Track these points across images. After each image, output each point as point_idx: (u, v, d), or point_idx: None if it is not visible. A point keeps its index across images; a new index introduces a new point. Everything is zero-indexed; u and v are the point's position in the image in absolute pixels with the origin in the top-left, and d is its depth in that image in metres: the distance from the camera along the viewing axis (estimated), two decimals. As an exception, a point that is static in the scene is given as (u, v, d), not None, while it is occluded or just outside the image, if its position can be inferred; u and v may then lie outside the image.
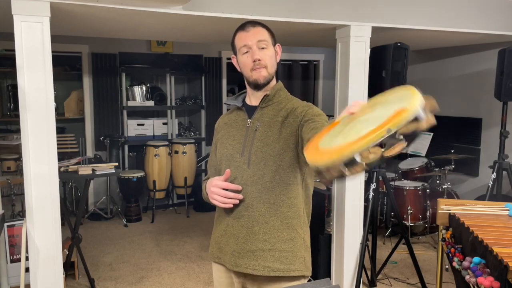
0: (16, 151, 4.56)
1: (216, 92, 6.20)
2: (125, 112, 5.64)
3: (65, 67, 5.59)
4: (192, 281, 3.79)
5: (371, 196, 3.52)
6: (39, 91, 2.40)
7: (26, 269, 2.67)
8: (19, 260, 3.04)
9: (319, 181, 3.42)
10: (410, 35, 3.81)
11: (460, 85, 5.14)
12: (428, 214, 4.52)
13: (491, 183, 3.85)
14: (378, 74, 3.35)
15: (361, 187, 3.36)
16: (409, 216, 4.44)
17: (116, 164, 3.73)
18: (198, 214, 5.77)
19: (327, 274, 3.55)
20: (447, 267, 3.83)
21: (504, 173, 3.88)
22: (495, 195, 3.88)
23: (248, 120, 1.71)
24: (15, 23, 2.33)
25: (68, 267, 3.61)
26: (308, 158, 1.17)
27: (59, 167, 2.78)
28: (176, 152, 5.61)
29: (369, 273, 3.72)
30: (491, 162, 4.04)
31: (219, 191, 1.63)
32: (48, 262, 2.51)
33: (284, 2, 2.97)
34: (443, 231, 2.42)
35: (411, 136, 1.02)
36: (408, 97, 1.06)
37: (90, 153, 5.62)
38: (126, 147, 5.68)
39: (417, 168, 4.93)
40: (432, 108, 1.05)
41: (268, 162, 1.62)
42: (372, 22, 3.22)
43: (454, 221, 2.33)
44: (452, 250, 2.23)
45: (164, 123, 5.89)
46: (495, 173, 3.85)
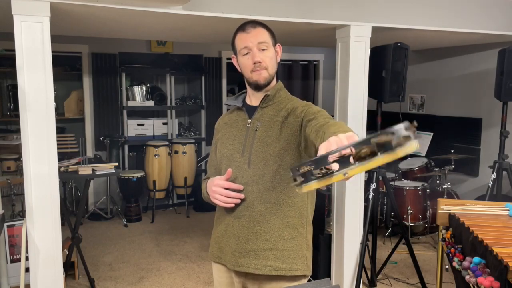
0: (16, 151, 4.55)
1: (216, 92, 6.20)
2: (125, 112, 5.64)
3: (65, 67, 5.58)
4: (192, 281, 3.79)
5: (371, 196, 3.52)
6: (39, 91, 2.40)
7: (26, 269, 2.67)
8: (19, 260, 3.04)
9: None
10: (410, 35, 3.81)
11: (460, 85, 5.14)
12: (428, 214, 4.52)
13: (491, 183, 3.85)
14: (378, 74, 3.35)
15: (361, 187, 3.36)
16: (409, 216, 4.44)
17: (116, 164, 3.73)
18: (198, 214, 5.77)
19: (327, 274, 3.55)
20: (447, 267, 3.83)
21: (504, 173, 3.88)
22: (495, 195, 3.88)
23: (249, 120, 1.71)
24: (15, 23, 2.33)
25: (68, 267, 3.61)
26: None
27: (59, 167, 2.77)
28: (176, 152, 5.60)
29: (369, 273, 3.72)
30: (491, 162, 4.04)
31: (220, 191, 1.63)
32: (48, 262, 2.51)
33: (284, 2, 2.96)
34: (443, 231, 2.42)
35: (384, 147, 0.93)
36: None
37: (90, 153, 5.62)
38: (126, 147, 5.68)
39: (417, 168, 4.94)
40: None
41: (268, 162, 1.62)
42: (372, 22, 3.22)
43: (454, 221, 2.33)
44: (452, 250, 2.23)
45: (164, 123, 5.89)
46: (495, 173, 3.85)
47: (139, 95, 5.65)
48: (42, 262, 2.49)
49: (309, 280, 1.69)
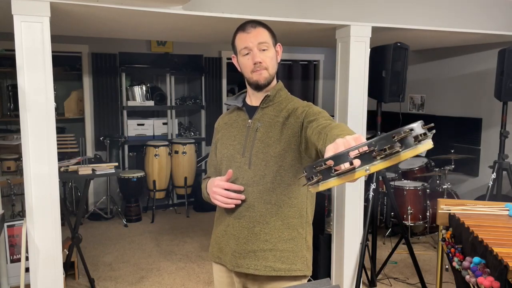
0: (16, 151, 4.55)
1: (216, 92, 6.20)
2: (125, 112, 5.64)
3: (65, 67, 5.58)
4: (192, 281, 3.79)
5: (371, 196, 3.52)
6: (39, 91, 2.40)
7: (26, 269, 2.67)
8: (19, 260, 3.04)
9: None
10: (410, 35, 3.81)
11: (460, 85, 5.14)
12: (428, 214, 4.52)
13: (491, 183, 3.85)
14: (378, 74, 3.35)
15: (361, 187, 3.36)
16: (409, 216, 4.44)
17: (116, 164, 3.73)
18: (198, 214, 5.77)
19: (327, 274, 3.55)
20: (447, 267, 3.83)
21: (504, 173, 3.88)
22: (495, 195, 3.88)
23: (249, 121, 1.70)
24: (15, 23, 2.33)
25: (68, 267, 3.61)
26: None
27: (59, 167, 2.77)
28: (176, 152, 5.61)
29: (369, 273, 3.72)
30: (491, 162, 4.05)
31: (221, 191, 1.63)
32: (48, 262, 2.51)
33: (284, 2, 2.96)
34: (443, 231, 2.42)
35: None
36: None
37: (90, 153, 5.62)
38: (126, 147, 5.68)
39: (417, 168, 4.94)
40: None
41: (269, 163, 1.61)
42: (372, 22, 3.22)
43: (454, 221, 2.33)
44: (452, 250, 2.23)
45: (164, 123, 5.89)
46: (495, 173, 3.85)
47: (139, 95, 5.65)
48: (42, 262, 2.49)
49: (309, 280, 1.69)
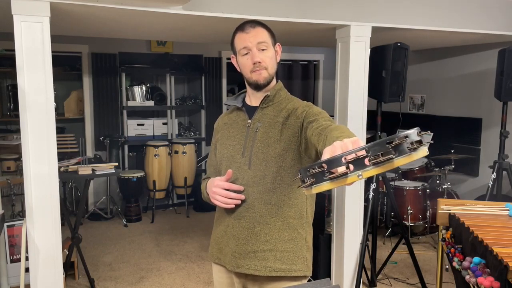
0: (16, 151, 4.56)
1: (216, 92, 6.20)
2: (125, 112, 5.64)
3: (65, 67, 5.58)
4: (192, 281, 3.79)
5: (371, 196, 3.52)
6: (39, 91, 2.40)
7: (26, 269, 2.67)
8: (19, 260, 3.04)
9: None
10: (410, 35, 3.81)
11: (460, 85, 5.14)
12: (428, 214, 4.52)
13: (491, 183, 3.85)
14: (378, 74, 3.35)
15: (361, 187, 3.36)
16: (409, 216, 4.44)
17: (116, 164, 3.73)
18: (198, 214, 5.77)
19: (327, 274, 3.55)
20: (447, 267, 3.83)
21: (504, 173, 3.88)
22: (495, 195, 3.88)
23: (249, 121, 1.70)
24: (15, 23, 2.33)
25: (68, 267, 3.61)
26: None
27: (59, 167, 2.77)
28: (176, 152, 5.60)
29: (369, 273, 3.72)
30: (491, 162, 4.05)
31: (220, 191, 1.63)
32: (48, 262, 2.51)
33: (284, 2, 2.96)
34: (443, 231, 2.42)
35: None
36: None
37: (90, 153, 5.62)
38: (126, 147, 5.68)
39: (417, 168, 4.94)
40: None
41: (269, 163, 1.61)
42: (372, 22, 3.22)
43: (454, 221, 2.33)
44: (452, 250, 2.23)
45: (164, 123, 5.89)
46: (495, 173, 3.85)
47: (139, 95, 5.65)
48: (42, 262, 2.49)
49: (309, 280, 1.69)
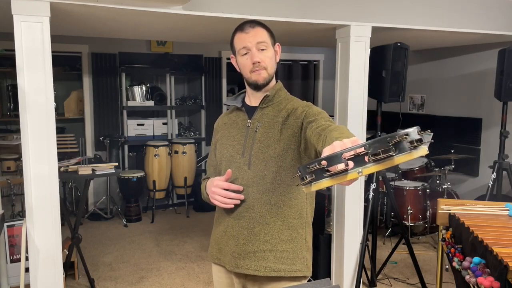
0: (16, 151, 4.56)
1: (216, 92, 6.20)
2: (125, 112, 5.64)
3: (65, 67, 5.58)
4: (192, 281, 3.79)
5: (371, 196, 3.52)
6: (39, 91, 2.40)
7: (26, 269, 2.67)
8: (19, 260, 3.04)
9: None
10: (410, 35, 3.81)
11: (460, 85, 5.14)
12: (428, 214, 4.52)
13: (491, 183, 3.85)
14: (378, 74, 3.35)
15: (361, 187, 3.36)
16: (409, 216, 4.44)
17: (116, 164, 3.73)
18: (198, 214, 5.77)
19: (327, 274, 3.55)
20: (447, 267, 3.83)
21: (504, 173, 3.88)
22: (495, 195, 3.88)
23: (248, 121, 1.70)
24: (15, 23, 2.33)
25: (68, 267, 3.61)
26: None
27: (59, 167, 2.77)
28: (176, 152, 5.61)
29: (369, 273, 3.72)
30: (491, 162, 4.04)
31: (220, 191, 1.63)
32: (48, 262, 2.51)
33: (284, 2, 2.96)
34: (443, 231, 2.42)
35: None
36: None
37: (90, 153, 5.62)
38: (126, 147, 5.68)
39: (417, 168, 4.94)
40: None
41: (269, 163, 1.61)
42: (372, 22, 3.22)
43: (454, 221, 2.33)
44: (452, 250, 2.23)
45: (164, 123, 5.89)
46: (495, 173, 3.85)
47: (139, 95, 5.65)
48: (42, 262, 2.49)
49: (309, 280, 1.69)
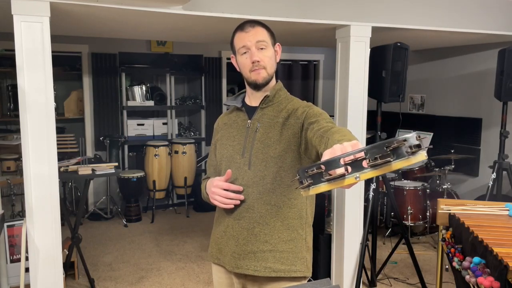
0: (16, 151, 4.56)
1: (216, 92, 6.20)
2: (125, 112, 5.64)
3: (65, 67, 5.58)
4: (192, 281, 3.79)
5: (371, 196, 3.52)
6: (39, 91, 2.40)
7: (26, 269, 2.67)
8: (19, 260, 3.04)
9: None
10: (410, 35, 3.81)
11: (460, 85, 5.14)
12: (428, 214, 4.52)
13: (491, 183, 3.85)
14: (378, 74, 3.35)
15: (361, 187, 3.36)
16: (409, 216, 4.44)
17: (116, 164, 3.72)
18: (198, 214, 5.77)
19: (327, 274, 3.55)
20: (447, 267, 3.83)
21: (504, 173, 3.88)
22: (495, 195, 3.88)
23: (248, 121, 1.70)
24: (15, 23, 2.33)
25: (68, 267, 3.61)
26: None
27: (59, 167, 2.77)
28: (176, 152, 5.60)
29: (369, 273, 3.72)
30: (491, 162, 4.04)
31: (220, 192, 1.62)
32: (48, 262, 2.51)
33: (284, 2, 2.96)
34: (443, 231, 2.42)
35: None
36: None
37: (90, 153, 5.62)
38: (126, 147, 5.68)
39: (417, 168, 4.93)
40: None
41: (269, 164, 1.61)
42: (372, 22, 3.22)
43: (454, 221, 2.33)
44: (452, 250, 2.23)
45: (164, 123, 5.89)
46: (495, 173, 3.85)
47: (139, 95, 5.65)
48: (42, 262, 2.49)
49: (309, 281, 1.69)
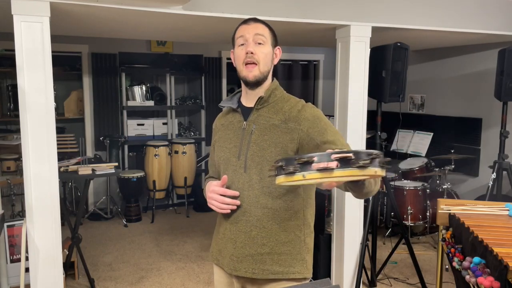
0: (16, 151, 4.56)
1: (216, 92, 6.20)
2: (125, 112, 5.64)
3: (65, 67, 5.58)
4: (192, 281, 3.79)
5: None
6: (39, 91, 2.40)
7: (26, 269, 2.67)
8: (19, 260, 3.04)
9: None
10: (410, 35, 3.81)
11: (460, 85, 5.14)
12: (428, 214, 4.52)
13: (491, 183, 3.85)
14: (378, 74, 3.35)
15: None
16: (409, 216, 4.44)
17: (116, 164, 3.72)
18: (198, 214, 5.77)
19: (327, 274, 3.55)
20: (447, 267, 3.83)
21: (504, 173, 3.88)
22: (495, 195, 3.88)
23: (244, 123, 1.67)
24: (15, 23, 2.33)
25: (68, 267, 3.61)
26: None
27: (59, 167, 2.77)
28: (176, 152, 5.61)
29: (369, 273, 3.72)
30: (491, 162, 4.05)
31: (216, 197, 1.62)
32: (48, 262, 2.51)
33: (284, 2, 2.96)
34: (443, 231, 2.42)
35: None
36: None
37: (90, 153, 5.62)
38: (126, 147, 5.68)
39: (417, 168, 4.93)
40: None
41: (264, 167, 1.59)
42: (372, 22, 3.22)
43: (454, 221, 2.33)
44: (452, 250, 2.23)
45: (164, 123, 5.89)
46: (495, 173, 3.85)
47: (139, 95, 5.65)
48: (42, 262, 2.49)
49: (309, 281, 1.69)
